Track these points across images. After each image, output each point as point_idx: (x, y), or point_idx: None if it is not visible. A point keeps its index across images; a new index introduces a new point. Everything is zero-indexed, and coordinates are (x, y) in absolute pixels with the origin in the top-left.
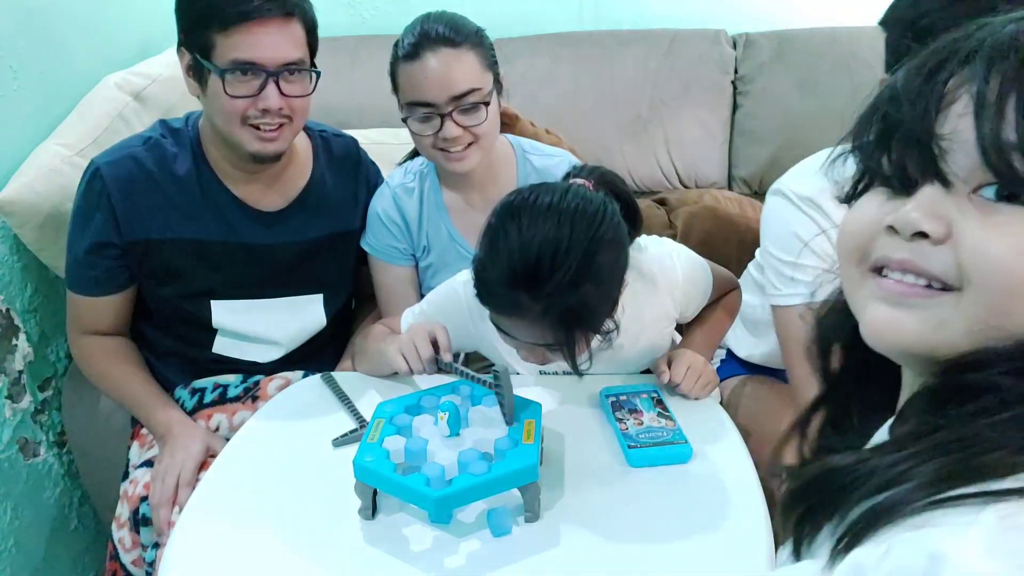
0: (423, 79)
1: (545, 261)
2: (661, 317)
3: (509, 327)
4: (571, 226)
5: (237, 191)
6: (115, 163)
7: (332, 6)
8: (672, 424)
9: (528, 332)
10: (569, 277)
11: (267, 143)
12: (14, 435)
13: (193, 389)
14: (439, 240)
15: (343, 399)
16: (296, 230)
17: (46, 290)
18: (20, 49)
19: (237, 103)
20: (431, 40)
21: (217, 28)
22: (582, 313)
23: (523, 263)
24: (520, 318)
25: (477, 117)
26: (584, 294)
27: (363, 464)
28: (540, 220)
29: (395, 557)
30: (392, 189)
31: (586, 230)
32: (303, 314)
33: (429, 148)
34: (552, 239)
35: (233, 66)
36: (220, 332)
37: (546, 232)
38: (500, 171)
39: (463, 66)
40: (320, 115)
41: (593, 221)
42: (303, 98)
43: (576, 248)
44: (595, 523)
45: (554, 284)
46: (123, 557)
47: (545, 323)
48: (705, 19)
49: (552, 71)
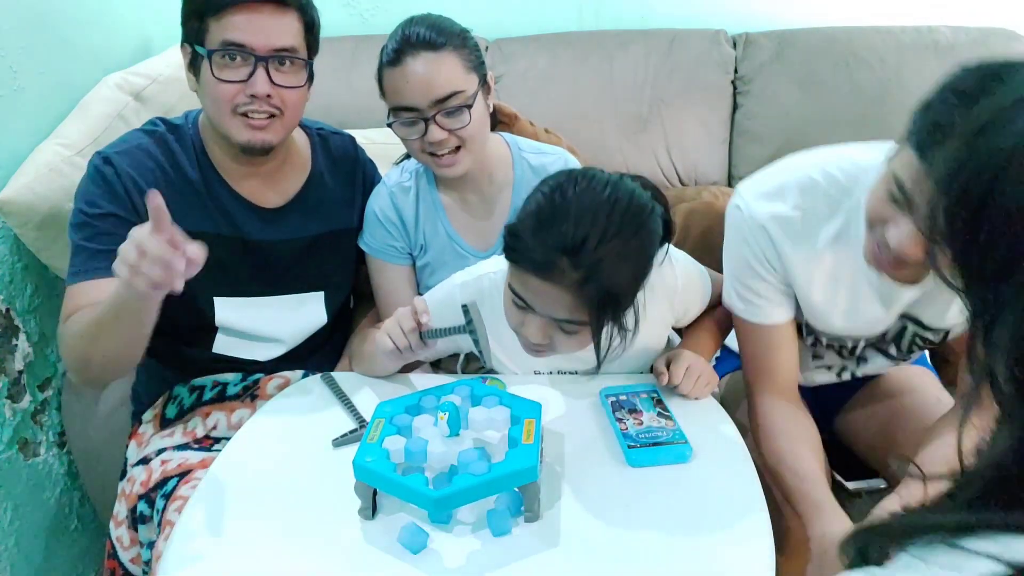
0: (405, 84)
1: (597, 231)
2: (658, 321)
3: (533, 294)
4: (627, 208)
5: (238, 187)
6: (124, 154)
7: (332, 6)
8: (672, 424)
9: (553, 303)
10: (615, 253)
11: (256, 132)
12: (14, 435)
13: (192, 387)
14: (436, 239)
15: (343, 399)
16: (296, 227)
17: (46, 290)
18: (20, 49)
19: (225, 88)
20: (412, 44)
21: (211, 13)
22: (615, 293)
23: (576, 227)
24: (553, 284)
25: (461, 120)
26: (621, 276)
27: (363, 464)
28: (599, 192)
29: (395, 557)
30: (389, 188)
31: (637, 215)
32: (305, 312)
33: (418, 152)
34: (608, 213)
35: (222, 47)
36: (222, 330)
37: (603, 205)
38: (496, 170)
39: (445, 69)
40: (320, 115)
41: (643, 211)
42: (295, 91)
43: (627, 229)
44: (595, 523)
45: (599, 256)
46: (121, 555)
47: (579, 295)
48: (705, 19)
49: (552, 71)
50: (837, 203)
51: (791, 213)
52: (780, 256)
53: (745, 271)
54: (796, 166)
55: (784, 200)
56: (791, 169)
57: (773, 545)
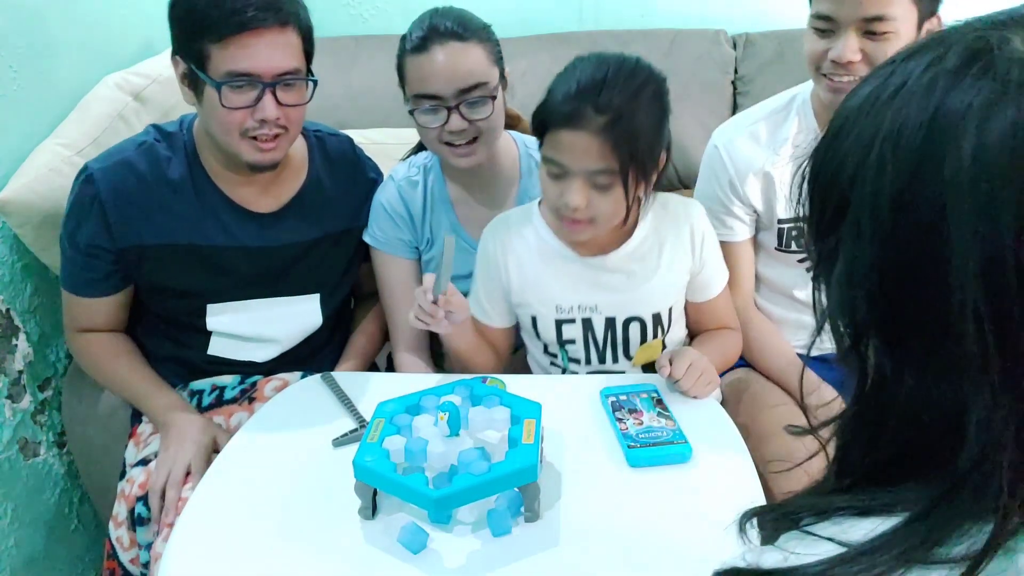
0: (431, 72)
1: (613, 78)
2: (678, 260)
3: (566, 151)
4: (636, 63)
5: (232, 194)
6: (108, 169)
7: (332, 6)
8: (672, 424)
9: (584, 153)
10: (631, 90)
11: (265, 154)
12: (14, 435)
13: (191, 391)
14: (442, 232)
15: (343, 399)
16: (292, 232)
17: (46, 290)
18: (20, 49)
19: (234, 115)
20: (440, 34)
21: (212, 39)
22: (636, 136)
23: (595, 72)
24: (581, 131)
25: (483, 111)
26: (640, 120)
27: (363, 464)
28: (609, 55)
29: (395, 557)
30: (397, 182)
31: (649, 70)
32: (299, 314)
33: (435, 142)
34: (619, 65)
35: (229, 78)
36: (215, 334)
37: (614, 60)
38: (503, 165)
39: (470, 60)
40: (320, 115)
41: (651, 68)
42: (300, 107)
43: (640, 74)
44: (595, 523)
45: (618, 100)
46: (121, 556)
47: (606, 139)
48: (705, 19)
49: (552, 71)
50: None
51: (757, 127)
52: (743, 182)
53: (715, 203)
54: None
55: (749, 118)
56: (752, 108)
57: None
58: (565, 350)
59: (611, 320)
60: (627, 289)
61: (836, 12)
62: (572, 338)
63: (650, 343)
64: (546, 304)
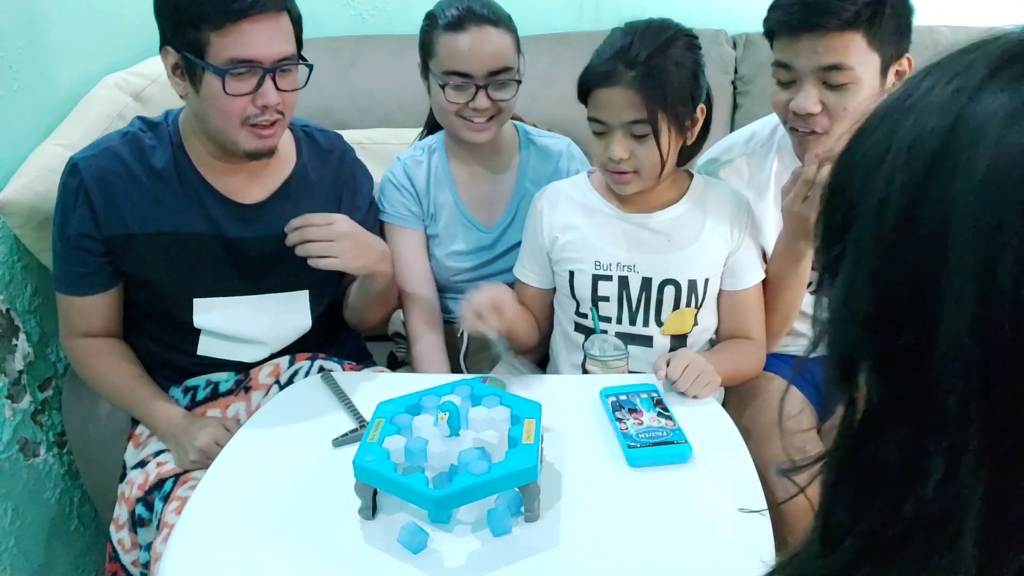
0: (467, 51)
1: (640, 33)
2: (718, 234)
3: (605, 106)
4: (666, 21)
5: (217, 183)
6: (92, 157)
7: (332, 6)
8: (672, 424)
9: (620, 107)
10: (659, 44)
11: (264, 140)
12: (14, 435)
13: (186, 388)
14: (445, 209)
15: (343, 399)
16: (277, 223)
17: (46, 290)
18: (20, 49)
19: (236, 102)
20: (476, 16)
21: (211, 26)
22: (664, 85)
23: (625, 35)
24: (616, 86)
25: (508, 92)
26: (669, 67)
27: (363, 464)
28: (640, 22)
29: (395, 557)
30: (403, 161)
31: (678, 27)
32: (288, 313)
33: (451, 115)
34: (650, 21)
35: (232, 65)
36: (203, 332)
37: (642, 23)
38: (505, 147)
39: (502, 45)
40: (320, 115)
41: (683, 28)
42: (296, 92)
43: (667, 30)
44: (595, 523)
45: (645, 47)
46: (123, 558)
47: (639, 91)
48: (705, 19)
49: (552, 71)
50: (771, 140)
51: (739, 163)
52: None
53: None
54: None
55: (731, 152)
56: (735, 133)
57: (773, 545)
58: (597, 308)
59: (647, 280)
60: (666, 251)
61: (794, 61)
62: (607, 295)
63: (682, 311)
64: (586, 260)
